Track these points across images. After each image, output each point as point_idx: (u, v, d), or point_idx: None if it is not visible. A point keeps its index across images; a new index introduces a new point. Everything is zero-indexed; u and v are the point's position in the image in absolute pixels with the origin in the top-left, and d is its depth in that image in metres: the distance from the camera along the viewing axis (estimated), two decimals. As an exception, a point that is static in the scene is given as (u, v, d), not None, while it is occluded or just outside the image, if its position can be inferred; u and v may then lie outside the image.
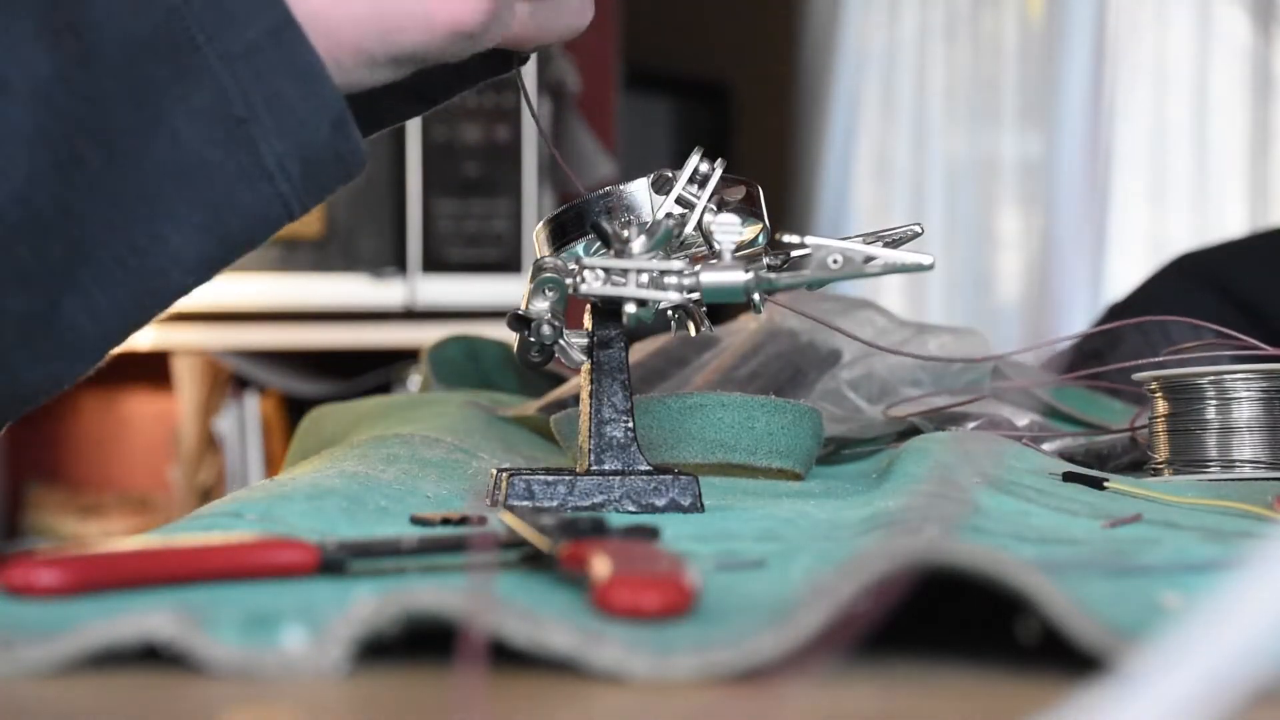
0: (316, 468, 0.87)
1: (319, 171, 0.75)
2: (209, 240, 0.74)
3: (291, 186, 0.74)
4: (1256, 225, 3.74)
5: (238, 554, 0.56)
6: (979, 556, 0.49)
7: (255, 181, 0.73)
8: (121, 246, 0.73)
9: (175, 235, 0.73)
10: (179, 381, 2.77)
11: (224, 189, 0.73)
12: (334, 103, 0.74)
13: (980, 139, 4.16)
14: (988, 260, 4.16)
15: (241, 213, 0.74)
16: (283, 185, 0.74)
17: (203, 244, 0.74)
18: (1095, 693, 0.34)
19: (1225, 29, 3.93)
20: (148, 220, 0.73)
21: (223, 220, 0.74)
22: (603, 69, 3.03)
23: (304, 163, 0.74)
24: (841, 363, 1.17)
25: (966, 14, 4.18)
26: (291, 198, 0.74)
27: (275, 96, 0.72)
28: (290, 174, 0.73)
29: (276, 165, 0.73)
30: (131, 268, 0.73)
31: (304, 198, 0.75)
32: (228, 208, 0.73)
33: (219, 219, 0.74)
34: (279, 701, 0.45)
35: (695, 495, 0.80)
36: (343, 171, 0.76)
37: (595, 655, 0.46)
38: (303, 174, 0.74)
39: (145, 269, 0.73)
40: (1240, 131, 3.91)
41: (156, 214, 0.73)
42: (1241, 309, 1.57)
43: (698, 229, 0.80)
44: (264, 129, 0.72)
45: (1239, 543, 0.67)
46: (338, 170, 0.75)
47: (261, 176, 0.73)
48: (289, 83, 0.72)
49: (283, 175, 0.73)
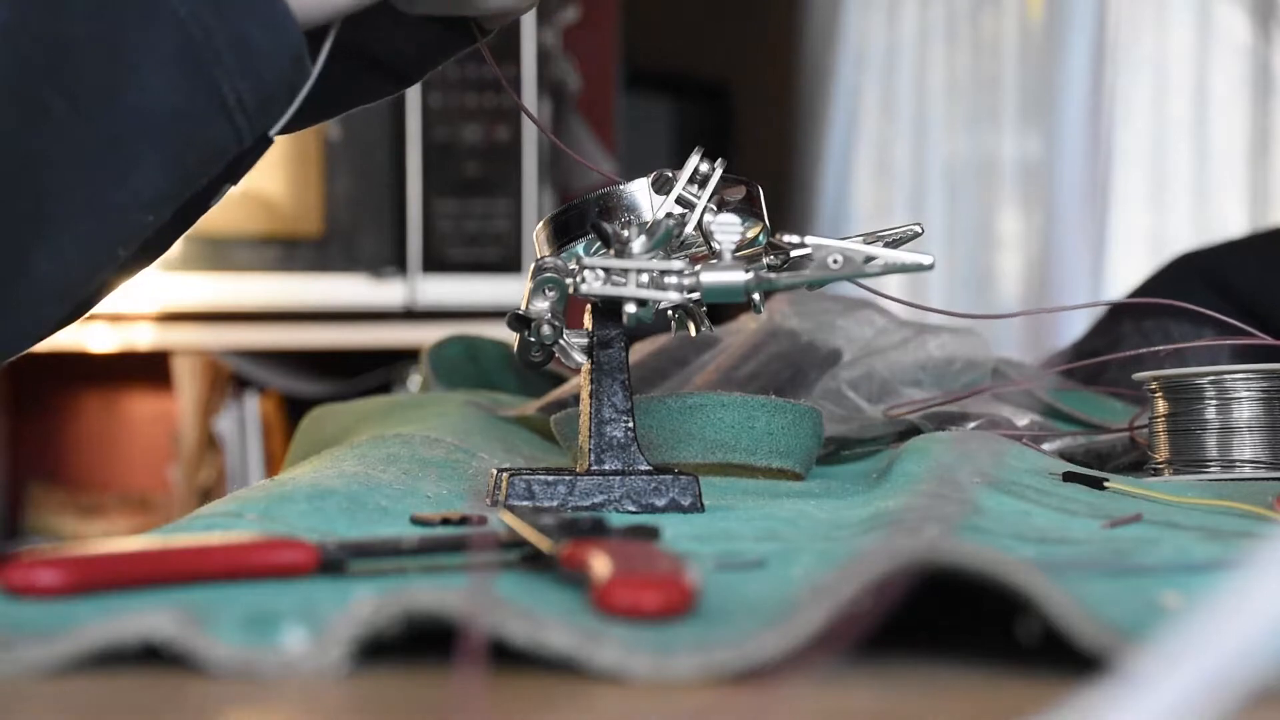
0: (316, 468, 0.87)
1: (272, 103, 0.76)
2: (169, 177, 0.75)
3: (247, 119, 0.75)
4: (1256, 225, 3.74)
5: (238, 554, 0.56)
6: (979, 556, 0.49)
7: (215, 119, 0.74)
8: (88, 194, 0.73)
9: (138, 178, 0.74)
10: (179, 381, 2.77)
11: (186, 130, 0.74)
12: (295, 40, 0.75)
13: (980, 139, 4.16)
14: (988, 260, 4.16)
15: (200, 148, 0.75)
16: (239, 119, 0.75)
17: (163, 181, 0.75)
18: (1095, 693, 0.34)
19: (1225, 29, 3.93)
20: (114, 166, 0.73)
21: (183, 158, 0.75)
22: (603, 69, 3.03)
23: (261, 98, 0.75)
24: (841, 363, 1.17)
25: (966, 14, 4.18)
26: (245, 129, 0.76)
27: (240, 39, 0.73)
28: (247, 108, 0.75)
29: (236, 103, 0.74)
30: (97, 213, 0.74)
31: (256, 127, 0.76)
32: (188, 146, 0.75)
33: (180, 158, 0.75)
34: (279, 701, 0.45)
35: (695, 495, 0.80)
36: (290, 96, 0.77)
37: (595, 655, 0.46)
38: (258, 106, 0.75)
39: (110, 213, 0.74)
40: (1240, 131, 3.91)
41: (122, 159, 0.73)
42: (1241, 309, 1.57)
43: (698, 229, 0.80)
44: (227, 70, 0.73)
45: (1239, 543, 0.67)
46: (288, 98, 0.77)
47: (222, 114, 0.74)
48: (254, 25, 0.73)
49: (240, 110, 0.75)
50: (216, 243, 2.51)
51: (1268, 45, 3.89)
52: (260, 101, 0.75)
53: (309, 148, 2.52)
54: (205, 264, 2.52)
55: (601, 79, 3.00)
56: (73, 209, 0.73)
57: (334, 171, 2.52)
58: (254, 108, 0.75)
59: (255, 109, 0.75)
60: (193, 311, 2.54)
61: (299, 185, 2.53)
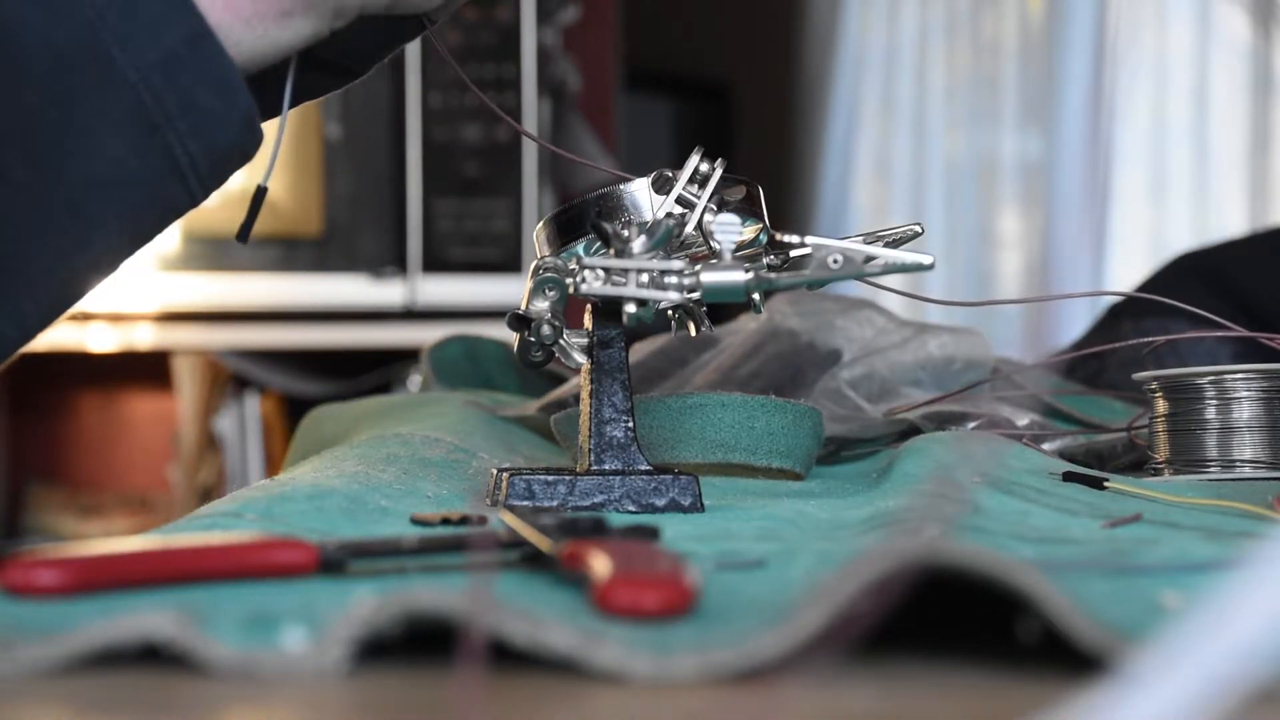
0: (316, 468, 0.87)
1: (223, 165, 0.77)
2: (124, 239, 0.77)
3: (199, 179, 0.76)
4: (1256, 225, 3.74)
5: (238, 554, 0.56)
6: (979, 556, 0.49)
7: (169, 182, 0.76)
8: (49, 257, 0.76)
9: (98, 241, 0.76)
10: (179, 381, 2.77)
11: (141, 192, 0.76)
12: (245, 104, 0.76)
13: (980, 139, 4.16)
14: (988, 260, 4.16)
15: (155, 210, 0.77)
16: (192, 181, 0.76)
17: (119, 243, 0.77)
18: (1095, 693, 0.34)
19: (1225, 29, 3.93)
20: (74, 230, 0.75)
21: (139, 220, 0.77)
22: (603, 69, 3.03)
23: (213, 160, 0.76)
24: (841, 363, 1.17)
25: (966, 14, 4.18)
26: (198, 190, 0.77)
27: (191, 105, 0.75)
28: (199, 169, 0.76)
29: (189, 165, 0.76)
30: (58, 275, 0.76)
31: (208, 186, 0.77)
32: (143, 208, 0.76)
33: (136, 219, 0.77)
34: (279, 701, 0.45)
35: (695, 495, 0.80)
36: (243, 160, 0.79)
37: (595, 655, 0.46)
38: (210, 169, 0.76)
39: (69, 274, 0.76)
40: (1240, 131, 3.91)
41: (81, 223, 0.75)
42: (1241, 308, 1.57)
43: (698, 229, 0.80)
44: (178, 133, 0.75)
45: (1239, 543, 0.67)
46: (239, 161, 0.78)
47: (175, 176, 0.76)
48: (204, 90, 0.75)
49: (193, 172, 0.76)
50: (216, 243, 2.52)
51: (1268, 45, 3.89)
52: (212, 163, 0.76)
53: (309, 148, 2.52)
54: (205, 264, 2.52)
55: (601, 79, 3.00)
56: (34, 273, 0.75)
57: (334, 171, 2.52)
58: (206, 169, 0.76)
59: (207, 171, 0.76)
60: (193, 311, 2.54)
61: (299, 185, 2.53)
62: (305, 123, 2.50)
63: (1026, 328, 3.67)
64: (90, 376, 2.97)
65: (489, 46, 2.53)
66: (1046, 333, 3.57)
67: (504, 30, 2.54)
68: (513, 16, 2.54)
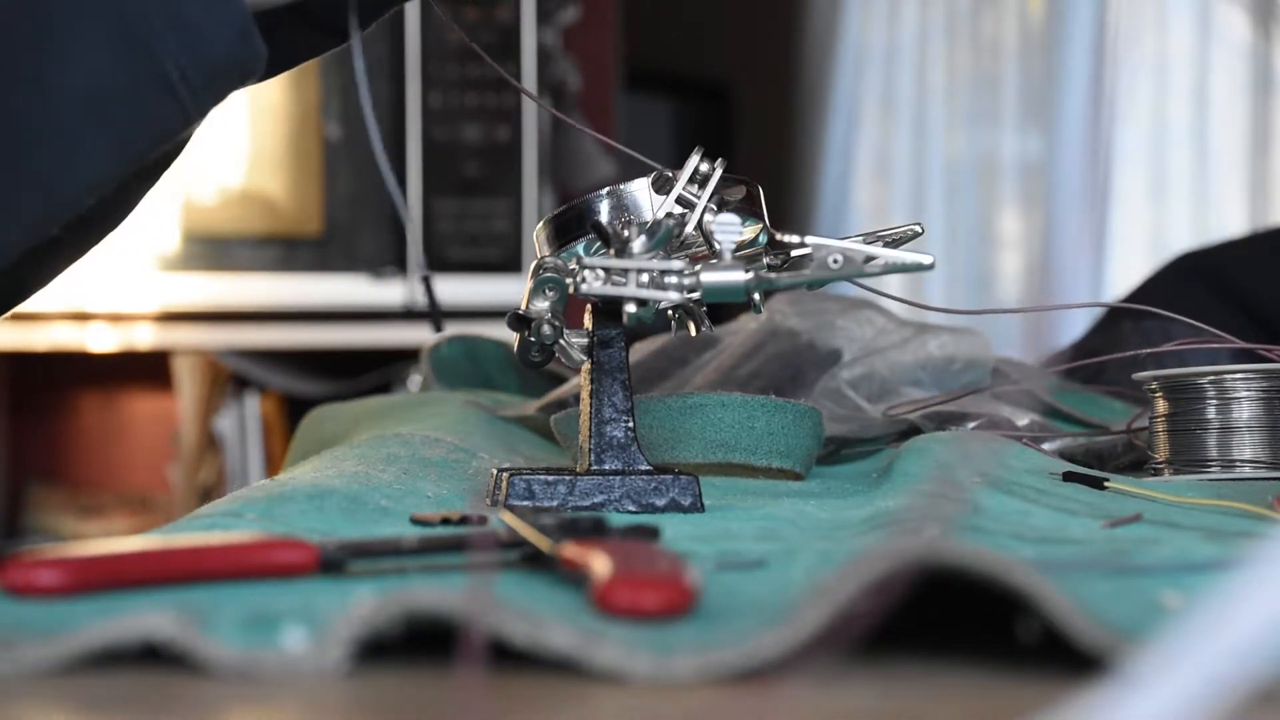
0: (316, 468, 0.87)
1: (220, 80, 0.75)
2: (113, 159, 0.75)
3: (193, 96, 0.74)
4: (1256, 225, 3.74)
5: (238, 554, 0.56)
6: (979, 556, 0.49)
7: (159, 99, 0.73)
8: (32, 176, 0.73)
9: (83, 162, 0.73)
10: (179, 381, 2.77)
11: (129, 110, 0.73)
12: (238, 14, 0.74)
13: (980, 139, 4.16)
14: (988, 260, 4.16)
15: (144, 129, 0.74)
16: (185, 96, 0.74)
17: (107, 163, 0.74)
18: (1095, 693, 0.34)
19: (1225, 29, 3.93)
20: (57, 148, 0.73)
21: (126, 139, 0.74)
22: (603, 69, 3.02)
23: (207, 74, 0.74)
24: (841, 363, 1.17)
25: (966, 14, 4.18)
26: (191, 107, 0.75)
27: (178, 17, 0.72)
28: (193, 85, 0.74)
29: (180, 79, 0.73)
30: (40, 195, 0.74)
31: (203, 105, 0.75)
32: (131, 127, 0.74)
33: (123, 139, 0.74)
34: (279, 701, 0.45)
35: (695, 495, 0.80)
36: (242, 77, 0.76)
37: (595, 655, 0.46)
38: (204, 84, 0.74)
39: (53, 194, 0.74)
40: (1240, 131, 3.91)
41: (65, 141, 0.73)
42: (1242, 309, 1.57)
43: (698, 229, 0.80)
44: (167, 47, 0.73)
45: (1239, 543, 0.67)
46: (238, 76, 0.76)
47: (165, 93, 0.73)
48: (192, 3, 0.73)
49: (185, 88, 0.74)
50: (216, 243, 2.51)
51: (1268, 45, 3.89)
52: (206, 78, 0.74)
53: (309, 148, 2.52)
54: (205, 264, 2.52)
55: (601, 79, 3.00)
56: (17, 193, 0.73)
57: (334, 171, 2.52)
58: (200, 85, 0.74)
59: (201, 86, 0.74)
60: (193, 311, 2.54)
61: (299, 185, 2.53)
62: (305, 123, 2.50)
63: (1026, 328, 3.67)
64: (90, 376, 2.97)
65: (489, 46, 2.53)
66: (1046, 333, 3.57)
67: (504, 30, 2.54)
68: (513, 16, 2.54)
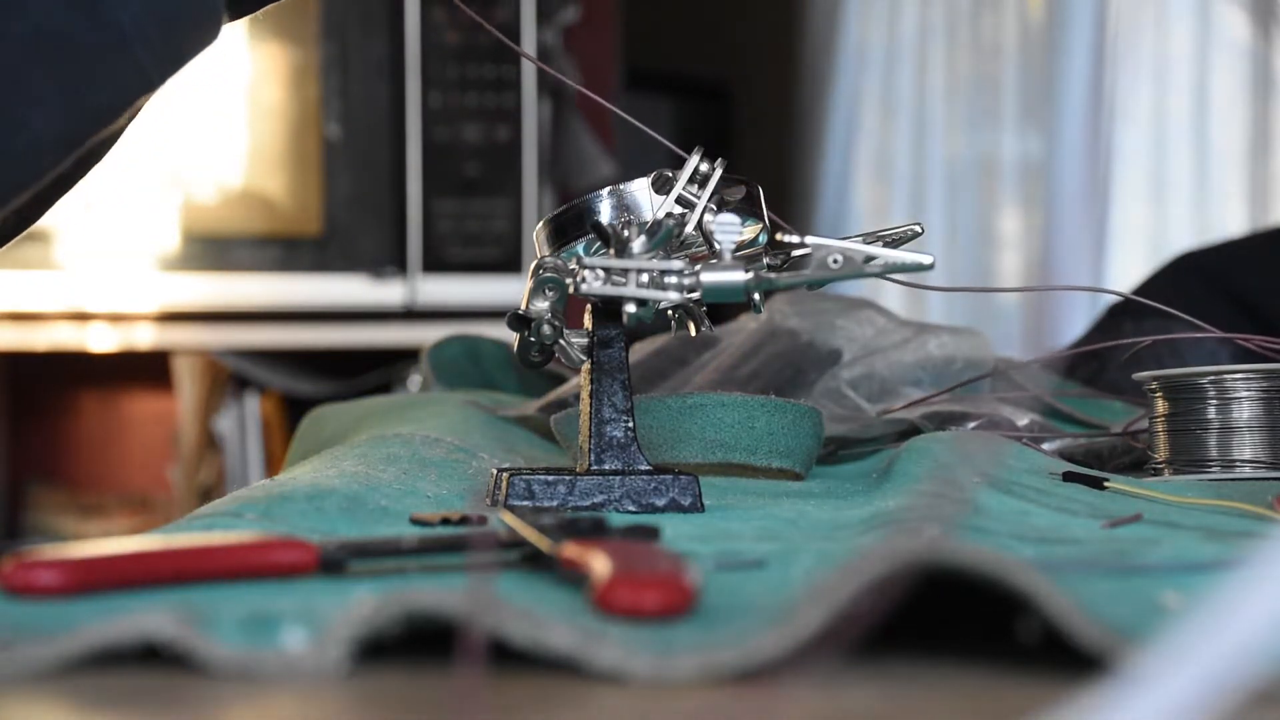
0: (316, 468, 0.87)
1: (177, 37, 0.73)
2: (70, 118, 0.73)
3: (150, 53, 0.73)
4: (1256, 225, 3.74)
5: (238, 554, 0.56)
6: (980, 556, 0.49)
7: (113, 51, 0.72)
8: None
9: (38, 117, 0.72)
10: (179, 381, 2.77)
11: (83, 62, 0.72)
12: None
13: (980, 139, 4.16)
14: (988, 260, 4.15)
15: (101, 85, 0.73)
16: (141, 53, 0.72)
17: (65, 122, 0.73)
18: (1095, 693, 0.34)
19: (1225, 29, 3.93)
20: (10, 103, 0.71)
21: (83, 96, 0.73)
22: (603, 69, 3.02)
23: (162, 26, 0.72)
24: (841, 363, 1.17)
25: (966, 14, 4.18)
26: (150, 66, 0.73)
27: None
28: (149, 40, 0.72)
29: (135, 31, 0.72)
30: None
31: (164, 66, 0.73)
32: (87, 82, 0.72)
33: (79, 94, 0.72)
34: (279, 701, 0.45)
35: (695, 495, 0.80)
36: (200, 36, 0.75)
37: (595, 655, 0.46)
38: (162, 39, 0.73)
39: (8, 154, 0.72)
40: (1240, 131, 3.91)
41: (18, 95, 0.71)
42: (1241, 308, 1.57)
43: (698, 229, 0.80)
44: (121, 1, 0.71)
45: (1239, 543, 0.67)
46: (196, 34, 0.74)
47: (119, 45, 0.72)
48: None
49: (141, 42, 0.72)
50: (216, 243, 2.51)
51: (1268, 45, 3.89)
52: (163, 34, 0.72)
53: (309, 148, 2.52)
54: (205, 264, 2.52)
55: (601, 79, 3.00)
56: None
57: (334, 171, 2.52)
58: (158, 41, 0.72)
59: (160, 43, 0.72)
60: (193, 311, 2.54)
61: (299, 185, 2.53)
62: (305, 123, 2.50)
63: (1026, 328, 3.68)
64: (90, 376, 2.97)
65: (489, 46, 2.54)
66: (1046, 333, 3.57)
67: (504, 30, 2.54)
68: (513, 16, 2.54)
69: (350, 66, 2.51)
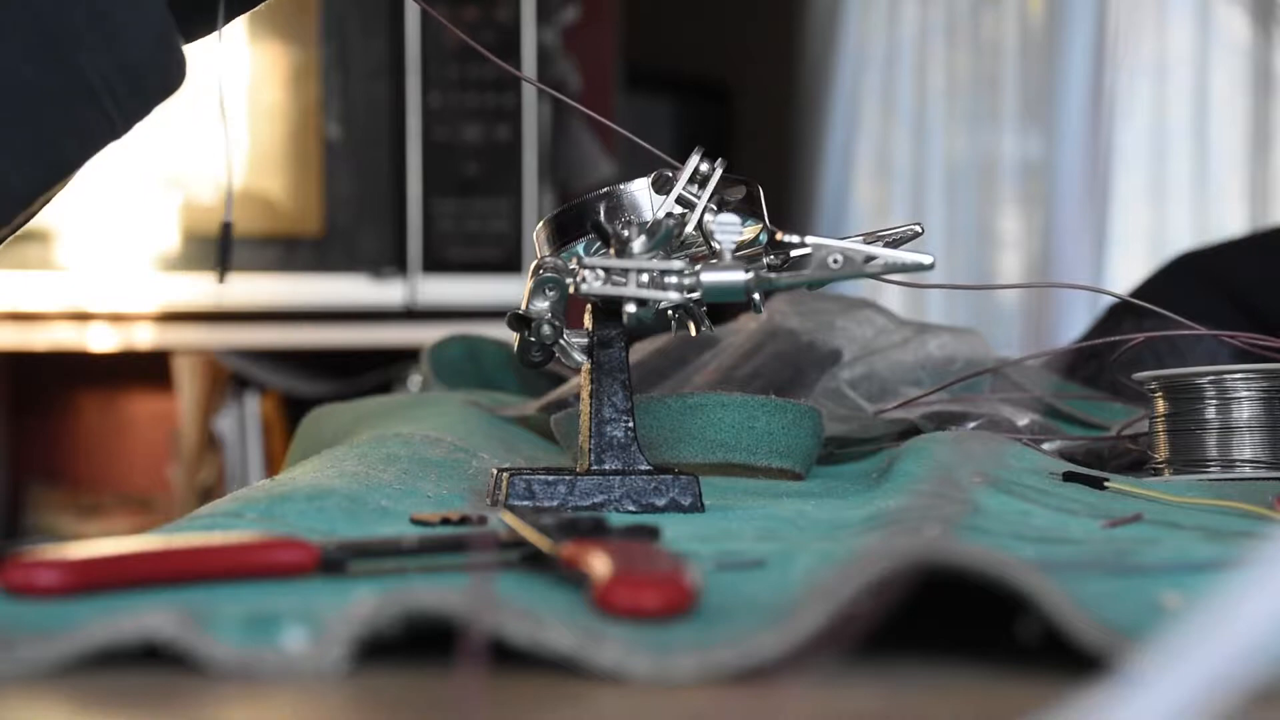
0: (316, 468, 0.87)
1: (143, 87, 0.74)
2: (38, 166, 0.73)
3: (116, 104, 0.73)
4: (1256, 225, 3.74)
5: (238, 554, 0.56)
6: (980, 556, 0.49)
7: (80, 101, 0.72)
8: None
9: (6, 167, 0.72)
10: (179, 381, 2.77)
11: (50, 113, 0.72)
12: (158, 17, 0.73)
13: (980, 139, 4.16)
14: (988, 260, 4.15)
15: (68, 135, 0.73)
16: (108, 103, 0.73)
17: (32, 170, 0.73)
18: (1095, 693, 0.34)
19: (1225, 29, 3.93)
20: None
21: (50, 145, 0.73)
22: (603, 69, 3.02)
23: (129, 79, 0.73)
24: (841, 362, 1.17)
25: (966, 14, 4.18)
26: (116, 116, 0.74)
27: (99, 15, 0.71)
28: (115, 91, 0.73)
29: (102, 84, 0.72)
30: None
31: (129, 115, 0.74)
32: (55, 131, 0.73)
33: (47, 144, 0.73)
34: (279, 701, 0.45)
35: (695, 495, 0.80)
36: (165, 85, 0.75)
37: (595, 655, 0.46)
38: (128, 90, 0.73)
39: None
40: (1240, 131, 3.91)
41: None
42: (1242, 308, 1.57)
43: (698, 229, 0.80)
44: (85, 46, 0.72)
45: (1239, 543, 0.67)
46: (162, 84, 0.75)
47: (86, 96, 0.72)
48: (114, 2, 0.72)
49: (108, 93, 0.73)
50: (217, 242, 2.51)
51: (1268, 45, 3.89)
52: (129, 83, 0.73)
53: (309, 148, 2.52)
54: (205, 264, 2.52)
55: (601, 79, 3.00)
56: None
57: (334, 171, 2.52)
58: (124, 91, 0.73)
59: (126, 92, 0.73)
60: (193, 311, 2.54)
61: (299, 185, 2.53)
62: (305, 123, 2.50)
63: (1026, 328, 3.68)
64: (90, 376, 2.97)
65: (489, 47, 2.53)
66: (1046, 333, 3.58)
67: (504, 30, 2.54)
68: (513, 16, 2.54)
69: (350, 66, 2.51)
